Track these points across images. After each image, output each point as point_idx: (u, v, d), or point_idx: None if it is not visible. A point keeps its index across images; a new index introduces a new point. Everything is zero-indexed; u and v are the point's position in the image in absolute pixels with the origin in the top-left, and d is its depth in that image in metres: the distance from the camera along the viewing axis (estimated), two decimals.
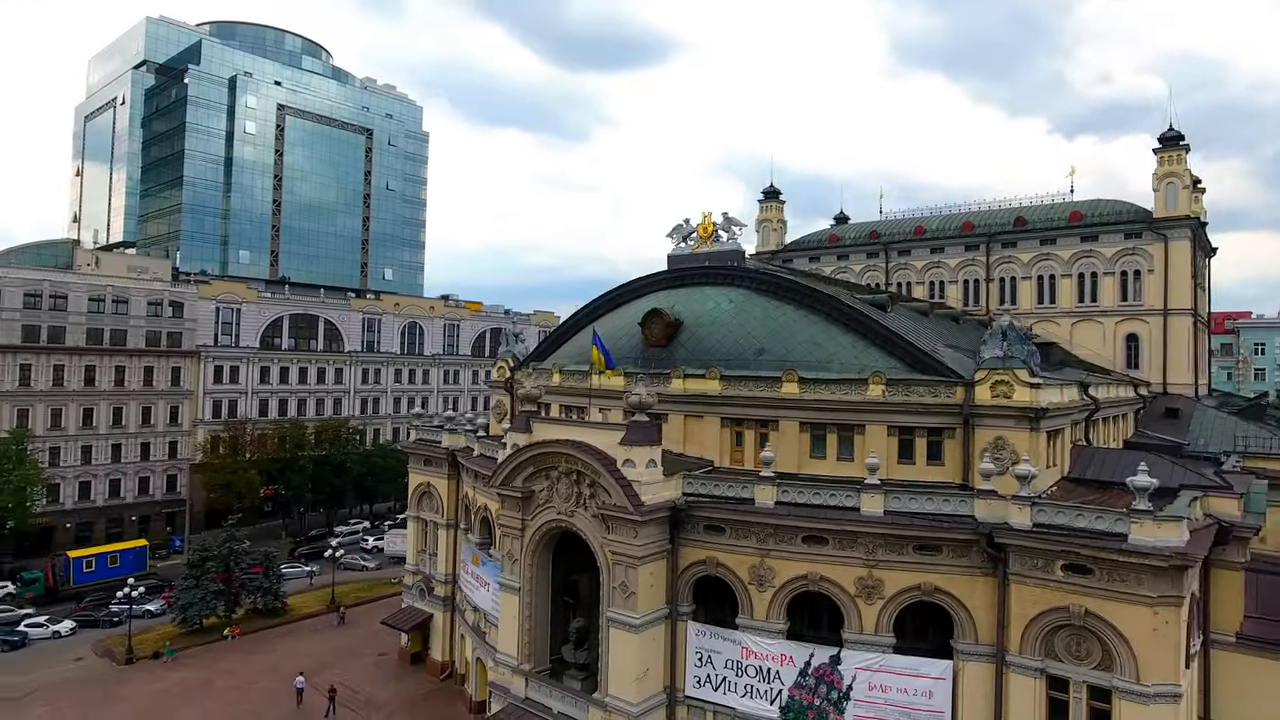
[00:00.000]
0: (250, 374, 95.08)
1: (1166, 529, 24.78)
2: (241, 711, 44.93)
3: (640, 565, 30.61)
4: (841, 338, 34.95)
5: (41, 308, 79.03)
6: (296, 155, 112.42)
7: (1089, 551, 25.54)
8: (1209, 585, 30.30)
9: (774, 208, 78.84)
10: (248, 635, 57.95)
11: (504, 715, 34.35)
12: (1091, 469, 33.98)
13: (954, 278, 66.95)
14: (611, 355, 37.80)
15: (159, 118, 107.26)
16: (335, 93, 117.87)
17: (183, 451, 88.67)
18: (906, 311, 40.89)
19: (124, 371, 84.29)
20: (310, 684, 46.83)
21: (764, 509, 30.23)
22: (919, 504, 28.81)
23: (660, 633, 31.72)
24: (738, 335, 36.61)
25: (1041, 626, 26.67)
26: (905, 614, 29.12)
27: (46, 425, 78.59)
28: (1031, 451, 30.11)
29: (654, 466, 31.16)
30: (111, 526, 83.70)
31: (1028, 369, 30.44)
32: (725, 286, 39.38)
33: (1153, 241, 58.04)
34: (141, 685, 49.14)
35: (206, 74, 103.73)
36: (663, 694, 31.77)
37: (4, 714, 44.38)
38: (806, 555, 29.80)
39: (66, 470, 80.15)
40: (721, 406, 35.08)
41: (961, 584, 28.18)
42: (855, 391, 32.60)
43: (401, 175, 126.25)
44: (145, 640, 55.73)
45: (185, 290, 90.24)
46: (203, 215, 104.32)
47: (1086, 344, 60.09)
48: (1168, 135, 58.90)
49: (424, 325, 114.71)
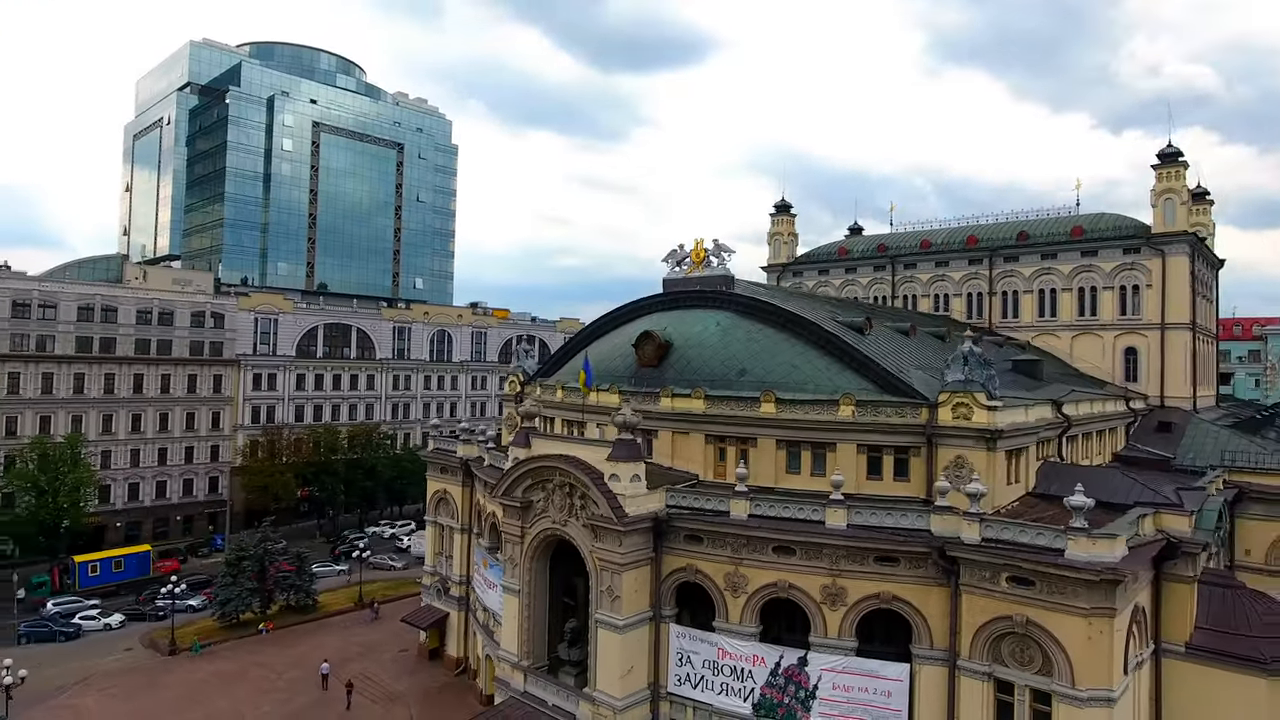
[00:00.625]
0: (287, 381, 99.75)
1: (1101, 545, 26.77)
2: (270, 699, 48.65)
3: (624, 571, 33.31)
4: (818, 360, 37.26)
5: (94, 320, 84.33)
6: (331, 170, 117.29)
7: (1029, 565, 27.60)
8: (1160, 597, 32.02)
9: (785, 221, 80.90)
10: (281, 630, 61.86)
11: (504, 707, 37.34)
12: (1055, 485, 35.76)
13: (958, 290, 68.47)
14: (605, 374, 40.56)
15: (202, 136, 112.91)
16: (368, 109, 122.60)
17: (224, 455, 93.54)
18: (888, 331, 42.90)
19: (169, 379, 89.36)
20: (334, 674, 50.46)
21: (737, 521, 32.72)
22: (879, 518, 31.07)
23: (644, 634, 34.39)
24: (723, 357, 39.14)
25: (989, 634, 28.79)
26: (867, 619, 31.37)
27: (99, 430, 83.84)
28: (988, 470, 32.19)
29: (637, 481, 33.83)
30: (158, 526, 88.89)
31: (986, 392, 32.47)
32: (714, 310, 41.93)
33: (1150, 257, 59.08)
34: (183, 674, 53.20)
35: (246, 94, 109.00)
36: (647, 690, 34.42)
37: (62, 700, 48.61)
38: (776, 564, 32.22)
39: (117, 472, 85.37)
40: (705, 424, 37.63)
41: (918, 593, 30.38)
42: (827, 412, 34.93)
43: (431, 187, 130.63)
44: (187, 633, 59.90)
45: (226, 302, 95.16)
46: (242, 229, 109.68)
47: (1086, 357, 61.35)
48: (1166, 152, 59.84)
49: (452, 333, 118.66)
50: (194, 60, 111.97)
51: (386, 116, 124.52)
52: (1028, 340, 63.27)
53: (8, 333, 78.53)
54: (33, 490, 72.01)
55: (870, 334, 39.53)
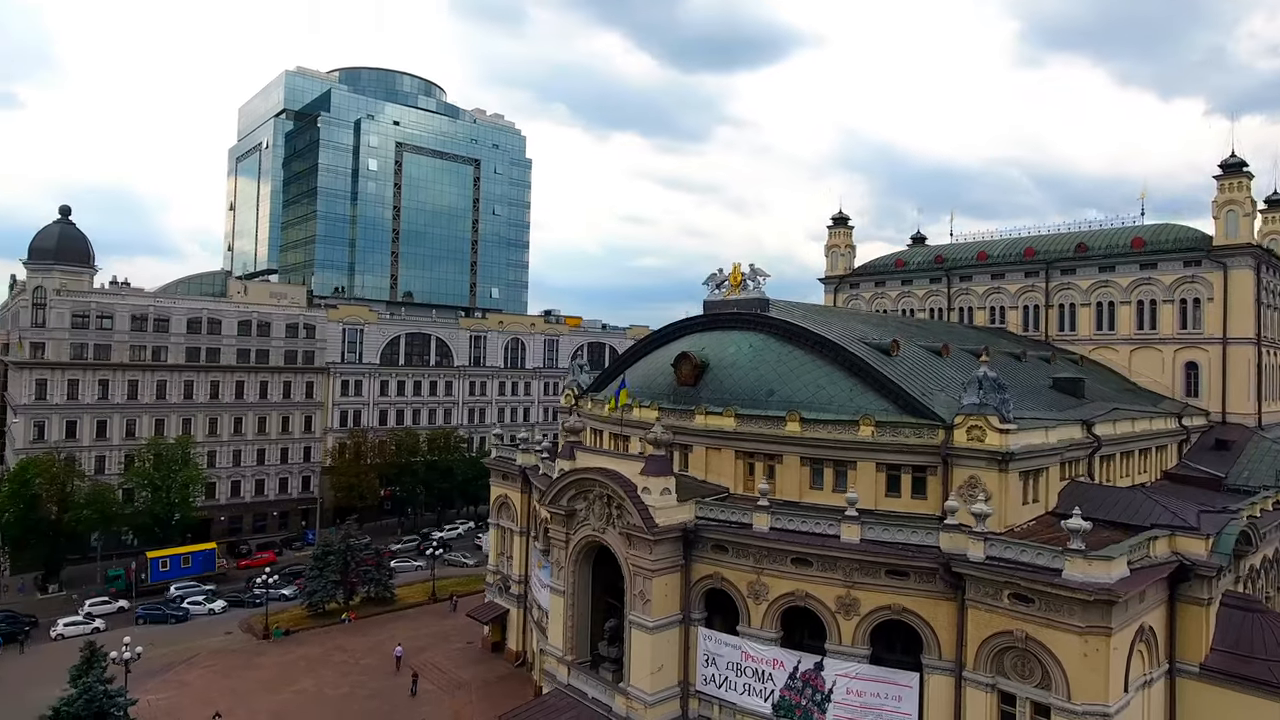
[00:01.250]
0: (371, 387, 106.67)
1: (1097, 567, 28.01)
2: (349, 681, 53.68)
3: (654, 577, 36.17)
4: (843, 381, 39.17)
5: (201, 332, 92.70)
6: (413, 186, 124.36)
7: (1028, 583, 29.03)
8: (1174, 617, 32.67)
9: (841, 234, 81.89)
10: (361, 619, 67.35)
11: (550, 698, 40.77)
12: (1076, 505, 36.41)
13: (1014, 303, 68.29)
14: (647, 391, 43.47)
15: (296, 158, 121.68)
16: (447, 127, 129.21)
17: (315, 456, 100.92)
18: (921, 351, 44.16)
19: (267, 386, 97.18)
20: (406, 662, 55.27)
21: (759, 533, 35.08)
22: (891, 534, 32.90)
23: (675, 635, 37.14)
24: (753, 377, 41.47)
25: (992, 647, 30.31)
26: (880, 628, 33.24)
27: (205, 432, 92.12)
28: (1000, 490, 33.57)
29: (667, 494, 36.61)
30: (257, 520, 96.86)
31: (999, 415, 33.80)
32: (748, 331, 44.25)
33: (1212, 270, 57.89)
34: (274, 656, 59.04)
35: (335, 118, 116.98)
36: (677, 688, 37.16)
37: (171, 674, 54.92)
38: (794, 575, 34.43)
39: (221, 471, 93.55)
40: (736, 441, 40.07)
41: (927, 606, 32.08)
42: (848, 432, 36.87)
43: (506, 200, 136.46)
44: (279, 619, 66.04)
45: (317, 315, 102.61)
46: (332, 244, 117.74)
47: (1145, 371, 60.57)
48: (1229, 162, 58.49)
49: (525, 340, 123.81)
50: (289, 88, 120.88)
51: (464, 134, 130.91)
52: (1084, 354, 62.85)
53: (127, 344, 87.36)
54: (148, 486, 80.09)
55: (898, 355, 41.09)
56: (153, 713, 46.95)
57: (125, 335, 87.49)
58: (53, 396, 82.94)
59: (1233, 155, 58.74)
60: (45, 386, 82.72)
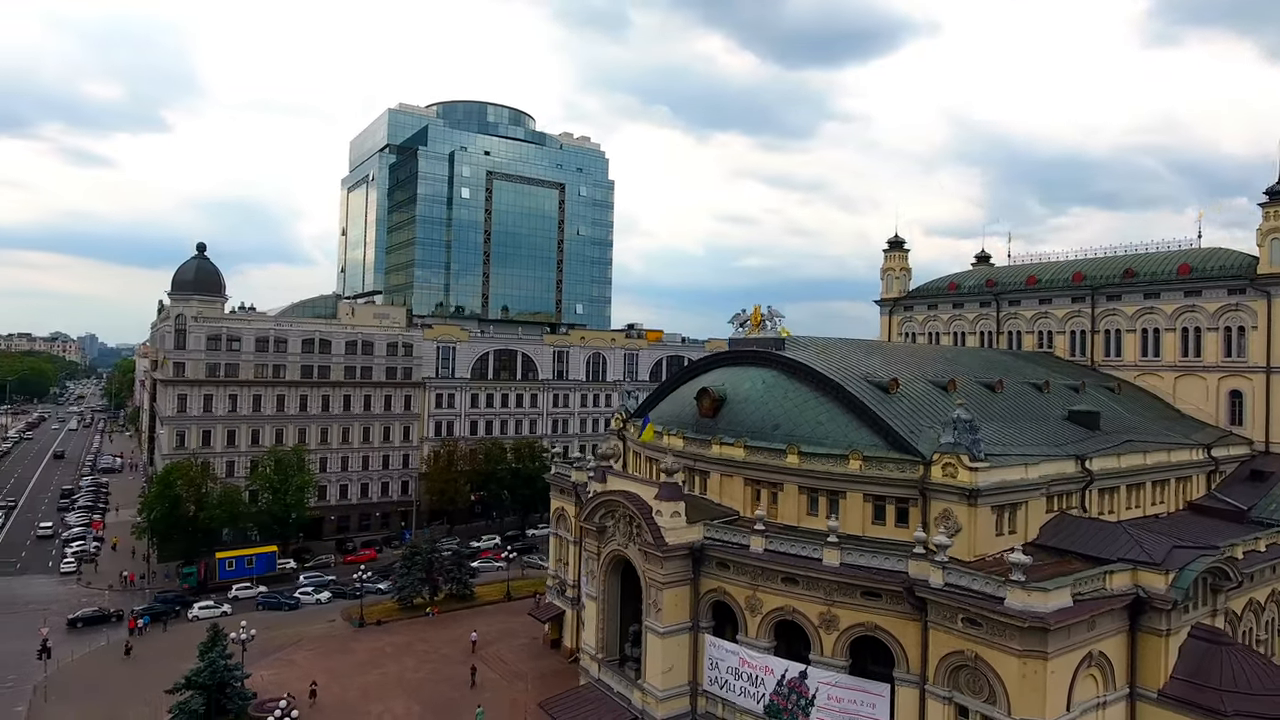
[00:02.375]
0: (463, 400, 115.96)
1: (1035, 597, 31.38)
2: (427, 667, 61.36)
3: (665, 589, 41.48)
4: (841, 417, 43.19)
5: (314, 351, 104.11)
6: (502, 211, 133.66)
7: (976, 609, 32.64)
8: (1135, 645, 35.16)
9: (896, 257, 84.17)
10: (443, 614, 75.35)
11: (583, 689, 46.76)
12: (1055, 538, 39.39)
13: (1061, 328, 69.24)
14: (675, 420, 48.69)
15: (398, 189, 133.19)
16: (534, 155, 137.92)
17: (412, 463, 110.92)
18: (927, 386, 47.24)
19: (370, 399, 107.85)
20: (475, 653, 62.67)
21: (755, 554, 39.78)
22: (866, 560, 36.97)
23: (684, 640, 42.30)
24: (763, 411, 45.99)
25: (949, 664, 34.02)
26: (858, 642, 37.34)
27: (317, 441, 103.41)
28: (970, 522, 36.97)
29: (677, 516, 41.83)
30: (362, 520, 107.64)
31: (970, 455, 37.16)
32: (763, 368, 48.73)
33: (1256, 298, 57.66)
34: (367, 643, 67.66)
35: (432, 152, 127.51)
36: (686, 686, 42.32)
37: (281, 654, 64.18)
38: (784, 592, 38.97)
39: (331, 476, 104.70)
40: (744, 469, 44.76)
41: (897, 624, 36.01)
42: (839, 465, 40.98)
43: (590, 220, 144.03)
44: (374, 611, 74.91)
45: (414, 334, 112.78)
46: (429, 267, 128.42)
47: (1189, 399, 60.80)
48: (1276, 189, 58.00)
49: (606, 355, 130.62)
50: (391, 125, 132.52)
51: (550, 159, 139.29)
52: (1129, 380, 63.43)
53: (252, 363, 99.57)
54: (269, 489, 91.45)
55: (897, 392, 44.66)
56: (263, 684, 55.85)
57: (251, 355, 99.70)
58: (191, 409, 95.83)
59: (1279, 182, 58.21)
60: (185, 400, 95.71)
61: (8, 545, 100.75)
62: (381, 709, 54.34)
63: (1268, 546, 43.93)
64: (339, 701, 55.49)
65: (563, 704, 45.66)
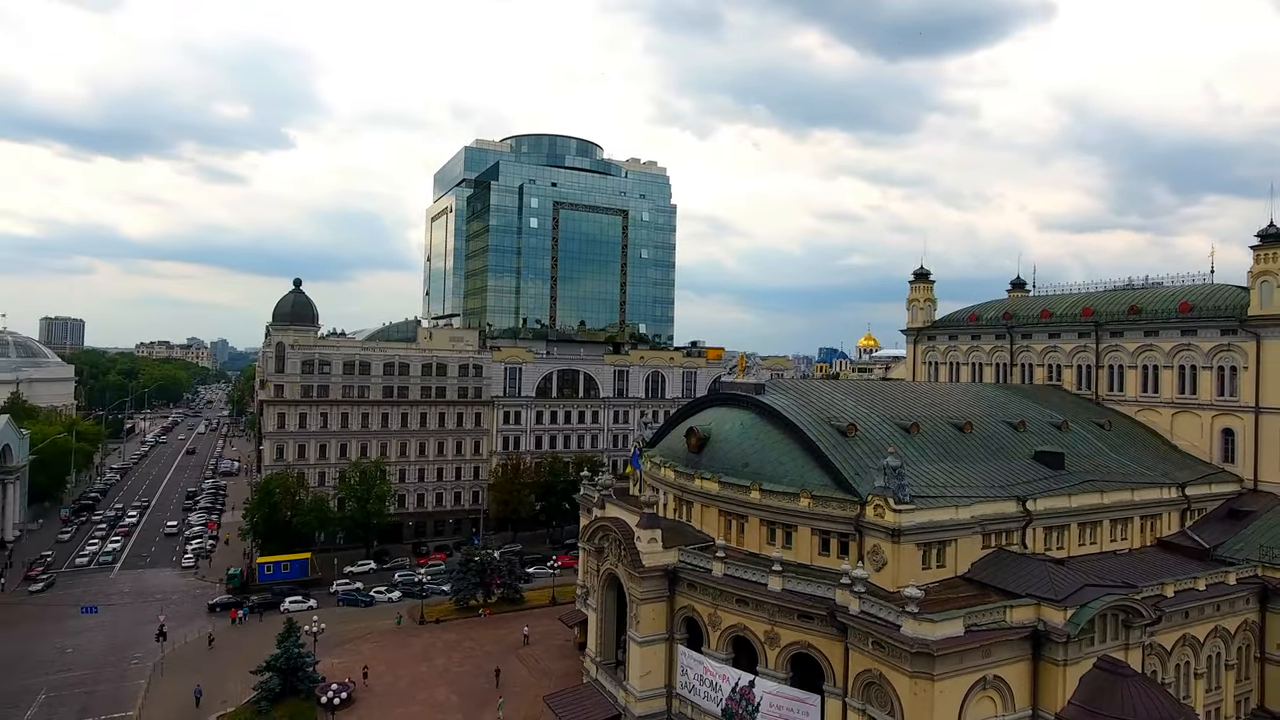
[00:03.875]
0: (528, 416, 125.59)
1: (925, 626, 36.58)
2: (472, 661, 70.02)
3: (643, 604, 48.31)
4: (800, 458, 48.81)
5: (394, 374, 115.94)
6: (568, 238, 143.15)
7: (881, 634, 38.00)
8: (1037, 672, 39.46)
9: (922, 288, 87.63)
10: (494, 615, 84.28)
11: (582, 687, 54.12)
12: (984, 573, 43.82)
13: (1069, 362, 71.66)
14: (671, 454, 55.38)
15: (474, 219, 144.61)
16: (599, 184, 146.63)
17: (481, 474, 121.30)
18: (892, 430, 52.08)
19: (444, 416, 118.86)
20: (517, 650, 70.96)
21: (715, 577, 46.07)
22: (803, 587, 42.72)
23: (661, 649, 48.98)
24: (738, 450, 52.04)
25: (863, 680, 39.48)
26: (796, 657, 43.08)
27: (397, 454, 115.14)
28: (894, 557, 42.09)
29: (654, 542, 48.59)
30: (436, 526, 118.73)
31: (895, 498, 42.25)
32: (743, 410, 54.71)
33: (1246, 339, 59.10)
34: (425, 638, 77.25)
35: (503, 185, 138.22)
36: (663, 689, 48.98)
37: (350, 645, 74.41)
38: (738, 611, 45.11)
39: (409, 485, 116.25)
40: (718, 501, 50.98)
41: (826, 644, 41.63)
42: (792, 502, 46.70)
43: (652, 244, 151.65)
44: (434, 610, 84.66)
45: (484, 356, 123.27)
46: (501, 293, 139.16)
47: (1185, 435, 62.70)
48: (1268, 232, 59.26)
49: (665, 374, 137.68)
50: (468, 161, 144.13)
51: (614, 188, 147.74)
52: (1131, 414, 65.54)
53: (340, 384, 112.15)
54: (354, 497, 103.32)
55: (854, 435, 49.85)
56: (330, 670, 65.84)
57: (339, 377, 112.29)
58: (289, 426, 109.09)
59: (1272, 225, 59.41)
60: (284, 418, 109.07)
61: (141, 541, 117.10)
62: (425, 695, 63.39)
63: (1209, 585, 46.64)
64: (389, 688, 64.91)
65: (563, 699, 53.18)
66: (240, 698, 62.30)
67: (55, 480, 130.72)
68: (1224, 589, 47.34)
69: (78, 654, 72.62)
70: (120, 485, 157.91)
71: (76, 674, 68.25)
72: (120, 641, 76.25)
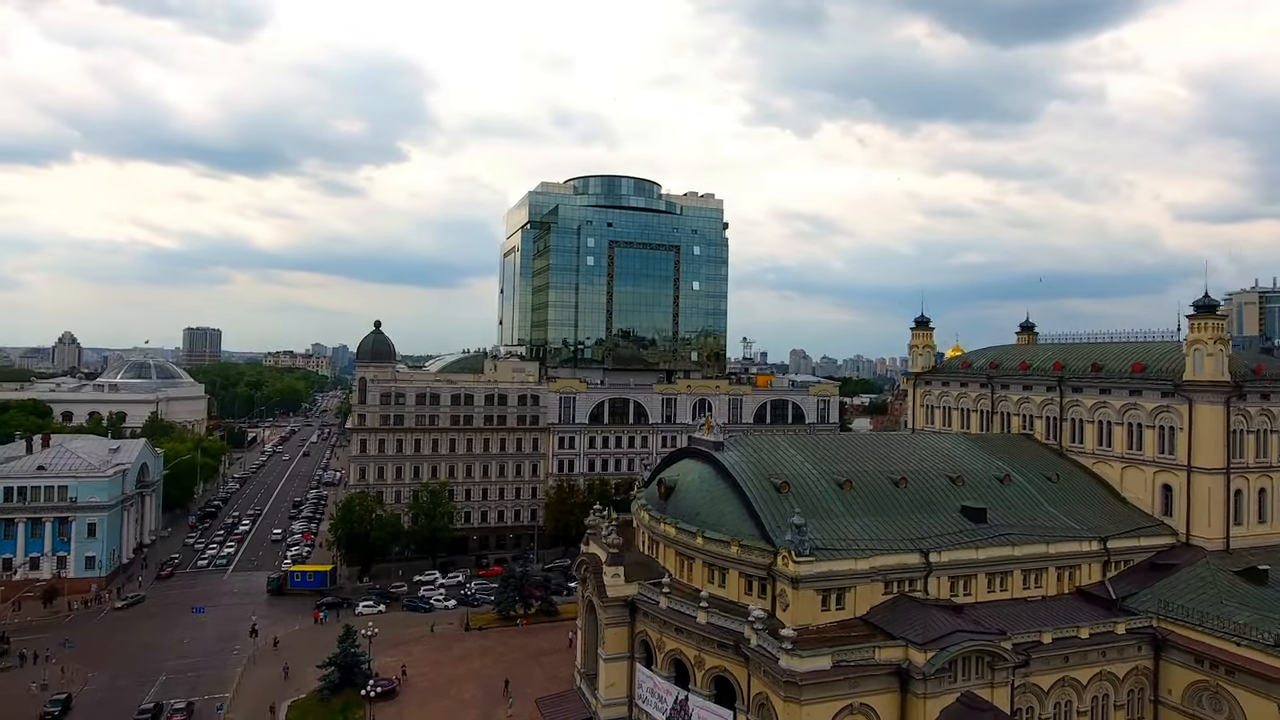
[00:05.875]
0: (582, 442, 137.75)
1: (794, 661, 45.52)
2: (501, 665, 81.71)
3: (608, 628, 58.78)
4: (739, 510, 57.94)
5: (460, 403, 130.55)
6: (623, 274, 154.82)
7: (766, 665, 47.09)
8: (905, 704, 47.39)
9: (922, 335, 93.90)
10: (531, 625, 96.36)
11: (568, 692, 65.13)
12: (879, 617, 51.74)
13: (1040, 414, 77.08)
14: (648, 499, 65.65)
15: (537, 257, 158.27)
16: (652, 222, 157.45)
17: (538, 495, 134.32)
18: (825, 487, 60.21)
19: (504, 441, 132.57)
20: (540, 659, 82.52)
21: (660, 609, 55.99)
22: (720, 620, 52.11)
23: (623, 665, 59.29)
24: (694, 500, 61.60)
25: (757, 700, 48.65)
26: (718, 678, 52.44)
27: (463, 475, 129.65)
28: (795, 601, 50.80)
29: (617, 577, 58.98)
30: (498, 541, 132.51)
31: (796, 551, 50.92)
32: (704, 464, 64.15)
33: (1181, 402, 63.66)
34: (467, 643, 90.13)
35: (562, 227, 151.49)
36: (625, 698, 59.30)
37: (403, 646, 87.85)
38: (676, 638, 54.90)
39: (473, 504, 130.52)
40: (674, 544, 60.71)
41: (737, 669, 50.90)
42: (725, 548, 56.00)
43: (704, 276, 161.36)
44: (479, 618, 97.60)
45: (541, 387, 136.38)
46: (561, 326, 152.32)
47: (1132, 488, 67.68)
48: (1202, 303, 63.60)
49: (711, 401, 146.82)
50: (533, 203, 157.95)
51: (668, 225, 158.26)
52: (1089, 465, 70.71)
53: (413, 413, 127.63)
54: (424, 515, 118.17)
55: (787, 492, 58.52)
56: (382, 668, 79.35)
57: (412, 407, 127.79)
58: (370, 450, 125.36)
59: (1205, 296, 63.74)
60: (365, 444, 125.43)
61: (251, 546, 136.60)
62: (455, 692, 75.90)
63: (1093, 634, 52.81)
64: (430, 684, 77.84)
65: (551, 701, 64.29)
66: (310, 687, 76.62)
67: (185, 490, 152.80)
68: (1110, 637, 53.23)
69: (192, 644, 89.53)
70: (240, 493, 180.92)
71: (190, 660, 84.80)
72: (226, 634, 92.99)
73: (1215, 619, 52.33)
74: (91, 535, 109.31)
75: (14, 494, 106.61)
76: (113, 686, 77.33)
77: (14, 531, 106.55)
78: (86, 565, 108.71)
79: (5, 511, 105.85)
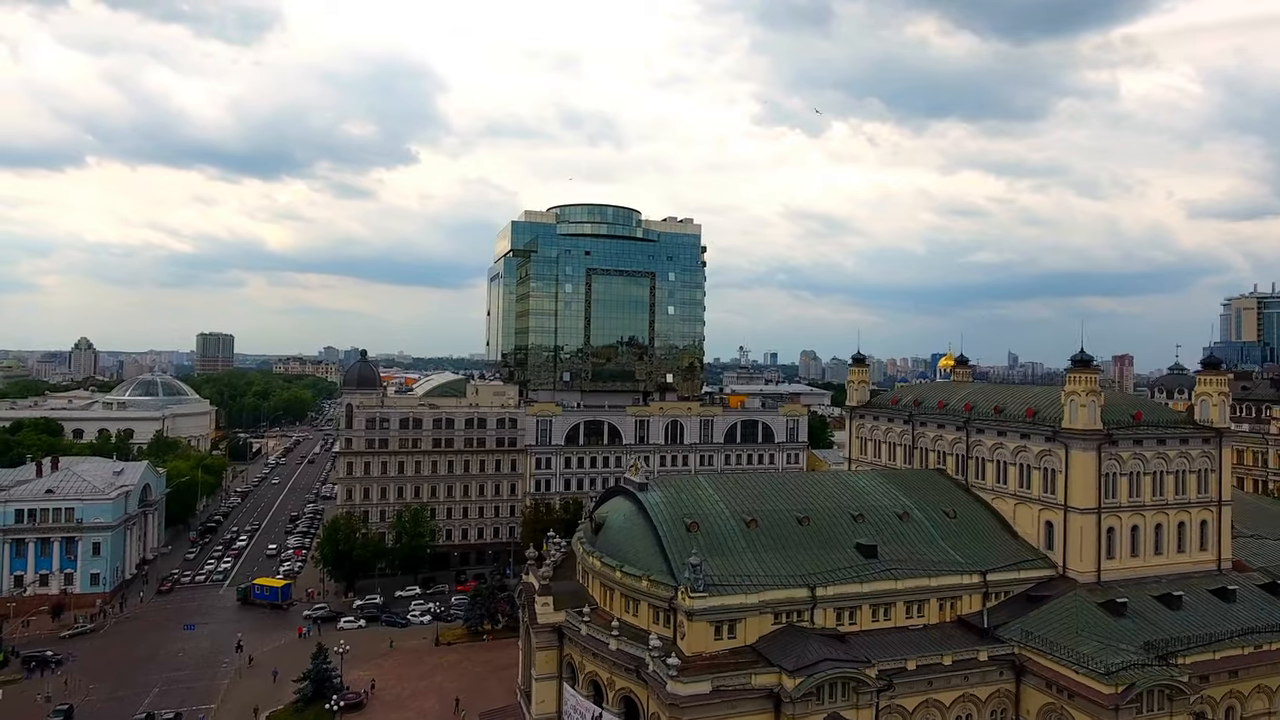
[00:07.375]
0: (558, 463, 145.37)
1: (678, 686, 52.87)
2: (463, 679, 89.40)
3: (539, 650, 66.36)
4: (653, 546, 65.30)
5: (442, 426, 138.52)
6: (600, 300, 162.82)
7: (655, 688, 54.44)
8: None
9: (858, 371, 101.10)
10: (496, 640, 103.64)
11: (510, 706, 72.65)
12: (764, 645, 58.95)
13: (951, 451, 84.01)
14: (583, 534, 73.23)
15: (520, 284, 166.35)
16: (629, 249, 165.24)
17: (516, 513, 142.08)
18: (732, 526, 67.44)
19: (484, 462, 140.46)
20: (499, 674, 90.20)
21: (581, 635, 63.47)
22: (628, 647, 59.52)
23: (553, 684, 66.79)
24: (618, 536, 69.00)
25: (655, 717, 55.97)
26: (626, 698, 59.85)
27: (444, 495, 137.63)
28: (691, 631, 58.12)
29: (547, 605, 66.52)
30: (477, 557, 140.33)
31: (690, 587, 58.23)
32: (630, 502, 71.54)
33: (1059, 447, 70.51)
34: (436, 656, 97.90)
35: (542, 256, 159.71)
36: (554, 714, 66.78)
37: (375, 660, 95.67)
38: (593, 661, 62.35)
39: (454, 522, 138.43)
40: (600, 576, 68.15)
41: (640, 691, 58.29)
42: (637, 583, 63.39)
43: (679, 300, 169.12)
44: (448, 633, 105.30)
45: (519, 411, 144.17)
46: (540, 350, 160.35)
47: (1022, 524, 74.50)
48: (1079, 357, 70.40)
49: (683, 422, 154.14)
50: (515, 232, 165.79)
51: (644, 252, 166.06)
52: (989, 500, 77.57)
53: (396, 437, 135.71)
54: (406, 534, 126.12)
55: (697, 531, 65.82)
56: (354, 682, 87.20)
57: (396, 431, 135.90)
58: (355, 472, 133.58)
59: (1082, 352, 70.53)
60: (351, 466, 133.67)
61: (248, 560, 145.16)
62: (417, 705, 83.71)
63: (956, 660, 59.86)
64: (395, 696, 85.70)
65: (494, 715, 71.94)
66: (289, 699, 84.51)
67: (186, 507, 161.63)
68: (973, 664, 60.17)
69: (186, 656, 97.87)
70: (240, 508, 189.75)
71: (183, 672, 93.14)
72: (219, 647, 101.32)
73: (1063, 649, 59.18)
74: (96, 553, 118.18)
75: (24, 515, 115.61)
76: (112, 698, 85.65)
77: (25, 550, 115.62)
78: (91, 581, 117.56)
79: (16, 532, 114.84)
